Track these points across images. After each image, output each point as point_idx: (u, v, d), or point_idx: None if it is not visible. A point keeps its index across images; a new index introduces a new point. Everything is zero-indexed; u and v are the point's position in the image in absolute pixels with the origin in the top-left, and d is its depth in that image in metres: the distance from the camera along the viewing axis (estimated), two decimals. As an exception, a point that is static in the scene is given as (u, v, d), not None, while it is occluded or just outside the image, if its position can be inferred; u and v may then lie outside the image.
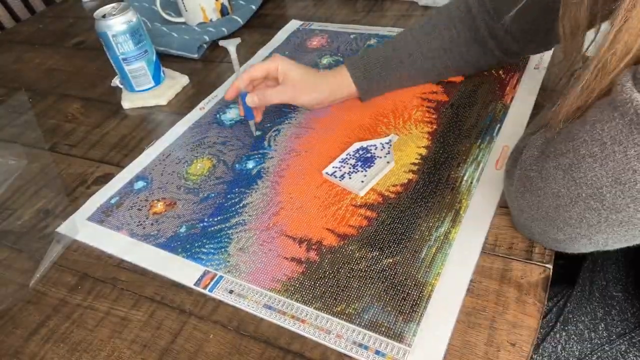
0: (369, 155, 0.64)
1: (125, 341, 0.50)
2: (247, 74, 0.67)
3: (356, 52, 0.85)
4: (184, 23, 1.02)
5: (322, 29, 0.95)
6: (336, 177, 0.61)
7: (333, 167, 0.63)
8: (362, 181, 0.60)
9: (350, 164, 0.63)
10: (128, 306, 0.53)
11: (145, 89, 0.85)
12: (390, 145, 0.65)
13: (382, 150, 0.64)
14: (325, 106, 0.73)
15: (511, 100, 0.68)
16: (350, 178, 0.61)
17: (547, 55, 0.75)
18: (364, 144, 0.66)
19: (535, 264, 0.49)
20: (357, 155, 0.64)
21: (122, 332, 0.51)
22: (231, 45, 0.66)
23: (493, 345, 0.44)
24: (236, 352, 0.47)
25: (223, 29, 0.97)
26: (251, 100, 0.67)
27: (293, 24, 0.99)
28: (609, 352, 0.60)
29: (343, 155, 0.64)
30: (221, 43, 0.67)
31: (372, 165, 0.62)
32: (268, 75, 0.68)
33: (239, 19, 1.00)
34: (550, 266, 0.48)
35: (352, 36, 0.90)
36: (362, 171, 0.62)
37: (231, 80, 0.69)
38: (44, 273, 0.58)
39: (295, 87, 0.68)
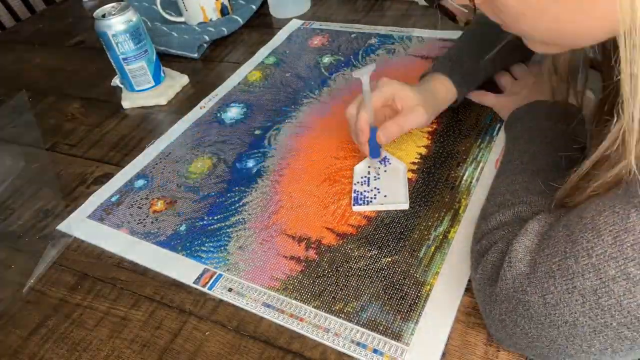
0: (375, 172, 0.62)
1: (125, 341, 0.50)
2: (370, 111, 0.59)
3: (357, 51, 0.85)
4: (183, 23, 1.02)
5: (323, 28, 0.95)
6: (369, 204, 0.58)
7: (358, 198, 0.59)
8: (398, 194, 0.58)
9: (368, 186, 0.60)
10: (128, 306, 0.53)
11: (145, 89, 0.85)
12: (388, 158, 0.63)
13: (385, 165, 0.62)
14: None
15: (511, 99, 0.68)
16: (385, 196, 0.58)
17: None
18: (362, 165, 0.62)
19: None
20: (367, 176, 0.61)
21: (121, 331, 0.51)
22: (365, 76, 0.57)
23: (493, 344, 0.43)
24: (236, 351, 0.47)
25: (223, 28, 0.97)
26: (385, 136, 0.59)
27: (294, 24, 0.98)
28: None
29: (356, 183, 0.61)
30: (355, 74, 0.57)
31: (388, 177, 0.60)
32: (384, 103, 0.61)
33: (239, 19, 1.00)
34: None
35: (352, 35, 0.90)
36: (382, 186, 0.59)
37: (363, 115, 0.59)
38: (37, 279, 0.58)
39: (424, 109, 0.60)
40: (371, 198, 0.58)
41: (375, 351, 0.44)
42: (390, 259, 0.51)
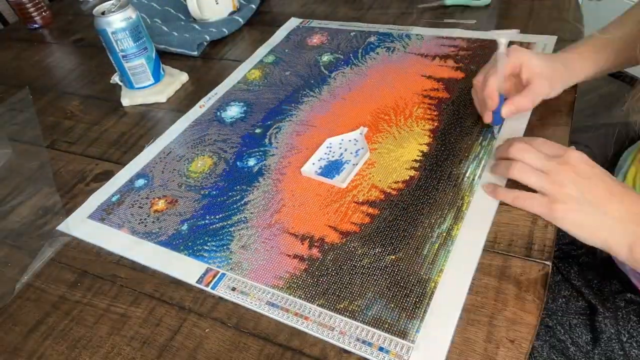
0: (341, 151, 0.65)
1: (125, 338, 0.50)
2: (501, 77, 0.58)
3: (356, 50, 0.85)
4: (192, 20, 1.02)
5: (322, 26, 0.95)
6: (316, 174, 0.62)
7: (311, 164, 0.64)
8: (342, 174, 0.61)
9: (326, 160, 0.64)
10: (127, 303, 0.53)
11: (144, 86, 0.85)
12: (362, 136, 0.66)
13: (355, 144, 0.65)
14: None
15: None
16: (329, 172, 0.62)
17: (548, 50, 0.75)
18: (335, 139, 0.67)
19: (535, 261, 0.49)
20: (331, 151, 0.65)
21: (121, 328, 0.51)
22: (504, 39, 0.56)
23: (492, 342, 0.43)
24: (235, 348, 0.47)
25: (224, 29, 0.97)
26: (512, 110, 0.58)
27: (293, 22, 0.98)
28: None
29: (318, 153, 0.65)
30: (494, 36, 0.58)
31: (346, 161, 0.63)
32: (512, 72, 0.61)
33: (239, 19, 1.00)
34: (549, 263, 0.48)
35: (352, 34, 0.90)
36: (339, 165, 0.63)
37: (495, 80, 0.59)
38: (34, 276, 0.58)
39: (551, 80, 0.59)
40: (317, 169, 0.63)
41: (381, 349, 0.44)
42: (394, 257, 0.51)
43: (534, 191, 0.52)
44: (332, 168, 0.63)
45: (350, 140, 0.66)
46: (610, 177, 0.51)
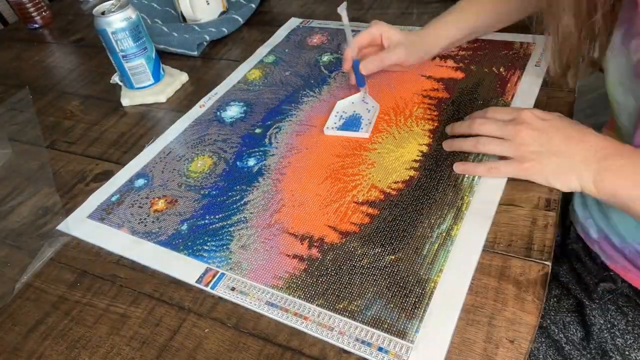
0: (354, 109, 0.72)
1: (124, 338, 0.50)
2: (355, 43, 0.70)
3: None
4: (185, 20, 1.02)
5: (322, 26, 0.95)
6: (339, 129, 0.68)
7: (332, 123, 0.70)
8: (363, 125, 0.68)
9: (344, 118, 0.70)
10: (127, 303, 0.53)
11: (144, 86, 0.85)
12: (367, 94, 0.73)
13: (362, 103, 0.72)
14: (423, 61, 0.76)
15: (512, 97, 0.68)
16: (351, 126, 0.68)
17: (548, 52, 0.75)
18: (343, 102, 0.73)
19: (534, 261, 0.49)
20: (346, 110, 0.72)
21: (121, 328, 0.51)
22: (343, 11, 0.69)
23: (492, 342, 0.43)
24: (235, 348, 0.47)
25: (223, 28, 0.97)
26: (365, 67, 0.70)
27: (293, 22, 0.98)
28: None
29: (333, 116, 0.71)
30: (338, 10, 0.69)
31: (361, 117, 0.70)
32: (372, 41, 0.72)
33: (239, 18, 1.00)
34: (549, 263, 0.48)
35: (352, 34, 0.90)
36: (357, 121, 0.69)
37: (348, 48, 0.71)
38: (33, 276, 0.58)
39: (407, 48, 0.71)
40: (339, 126, 0.69)
41: (380, 349, 0.44)
42: (393, 257, 0.51)
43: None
44: (351, 124, 0.69)
45: (355, 102, 0.73)
46: (567, 121, 0.55)
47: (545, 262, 0.48)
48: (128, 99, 0.84)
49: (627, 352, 0.59)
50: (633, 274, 0.60)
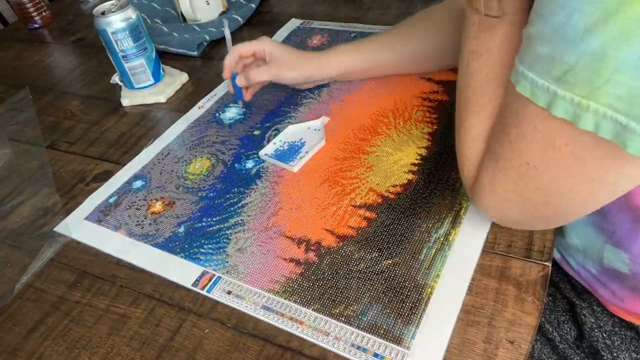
0: (301, 137, 0.69)
1: (124, 338, 0.50)
2: (235, 52, 0.72)
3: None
4: (185, 20, 1.02)
5: (323, 27, 0.95)
6: (272, 157, 0.66)
7: (269, 148, 0.68)
8: (296, 159, 0.66)
9: (286, 144, 0.69)
10: (127, 303, 0.53)
11: (144, 86, 0.85)
12: (322, 126, 0.70)
13: (314, 131, 0.70)
14: (310, 85, 0.77)
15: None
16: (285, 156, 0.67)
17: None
18: (296, 126, 0.71)
19: (534, 262, 0.49)
20: (290, 138, 0.69)
21: (121, 329, 0.51)
22: (226, 27, 0.72)
23: (492, 342, 0.44)
24: (235, 349, 0.47)
25: (223, 29, 0.97)
26: (239, 80, 0.72)
27: (293, 23, 0.98)
28: None
29: (278, 138, 0.70)
30: (223, 22, 0.73)
31: (304, 145, 0.68)
32: (255, 54, 0.73)
33: (239, 19, 1.00)
34: (549, 264, 0.48)
35: (352, 35, 0.90)
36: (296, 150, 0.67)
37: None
38: (33, 276, 0.58)
39: (281, 65, 0.72)
40: (272, 154, 0.67)
41: (376, 355, 0.44)
42: (390, 262, 0.51)
43: None
44: (287, 153, 0.66)
45: (309, 128, 0.71)
46: None
47: (545, 263, 0.49)
48: (128, 99, 0.85)
49: (615, 353, 0.60)
50: (597, 294, 0.63)
